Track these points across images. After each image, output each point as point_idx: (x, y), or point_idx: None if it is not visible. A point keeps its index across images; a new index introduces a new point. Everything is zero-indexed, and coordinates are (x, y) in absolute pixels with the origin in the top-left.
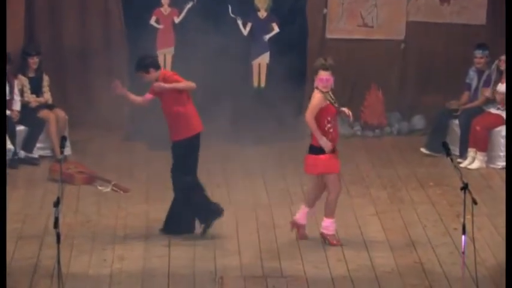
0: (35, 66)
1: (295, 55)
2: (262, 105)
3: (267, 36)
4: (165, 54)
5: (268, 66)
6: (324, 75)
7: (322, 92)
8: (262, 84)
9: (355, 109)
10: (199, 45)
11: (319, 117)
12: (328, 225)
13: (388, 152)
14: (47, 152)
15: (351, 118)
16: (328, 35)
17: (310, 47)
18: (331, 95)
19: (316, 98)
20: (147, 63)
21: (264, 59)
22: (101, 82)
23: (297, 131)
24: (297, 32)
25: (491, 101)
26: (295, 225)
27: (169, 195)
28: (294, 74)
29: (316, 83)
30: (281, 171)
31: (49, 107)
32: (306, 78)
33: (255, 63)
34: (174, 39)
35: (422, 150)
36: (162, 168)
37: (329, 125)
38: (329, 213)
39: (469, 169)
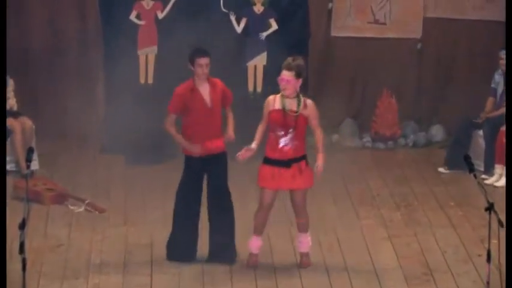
0: None
1: (296, 56)
2: (259, 112)
3: (264, 34)
4: (147, 55)
5: (265, 69)
6: (284, 75)
7: (282, 95)
8: (259, 89)
9: (365, 118)
10: (185, 44)
11: (269, 119)
12: (251, 242)
13: (403, 167)
14: (11, 166)
15: (318, 172)
16: (334, 33)
17: (313, 47)
18: (300, 101)
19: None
20: None
21: (261, 60)
22: (73, 87)
23: None
24: (298, 30)
25: None
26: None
27: (151, 216)
28: None
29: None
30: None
31: (14, 114)
32: (308, 83)
33: (251, 64)
34: (157, 37)
35: (441, 170)
36: (143, 186)
37: (273, 133)
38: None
39: (495, 187)
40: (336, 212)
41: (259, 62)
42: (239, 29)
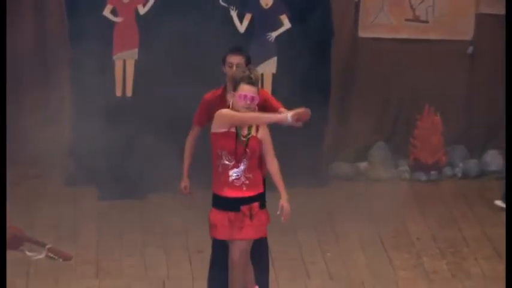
0: None
1: (314, 62)
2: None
3: (274, 35)
4: (125, 60)
5: (275, 77)
6: (248, 91)
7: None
8: None
9: (402, 141)
10: (174, 46)
11: (213, 144)
12: None
13: (449, 203)
14: None
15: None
16: (362, 34)
17: (336, 51)
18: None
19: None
20: None
21: (269, 66)
22: (33, 104)
23: (316, 172)
24: (317, 29)
25: None
26: None
27: (129, 265)
28: (313, 88)
29: (235, 100)
30: (292, 231)
31: None
32: (330, 94)
33: None
34: (138, 37)
35: (498, 203)
36: (119, 226)
37: (219, 162)
38: None
39: None
40: (364, 261)
41: (267, 69)
42: (242, 27)
